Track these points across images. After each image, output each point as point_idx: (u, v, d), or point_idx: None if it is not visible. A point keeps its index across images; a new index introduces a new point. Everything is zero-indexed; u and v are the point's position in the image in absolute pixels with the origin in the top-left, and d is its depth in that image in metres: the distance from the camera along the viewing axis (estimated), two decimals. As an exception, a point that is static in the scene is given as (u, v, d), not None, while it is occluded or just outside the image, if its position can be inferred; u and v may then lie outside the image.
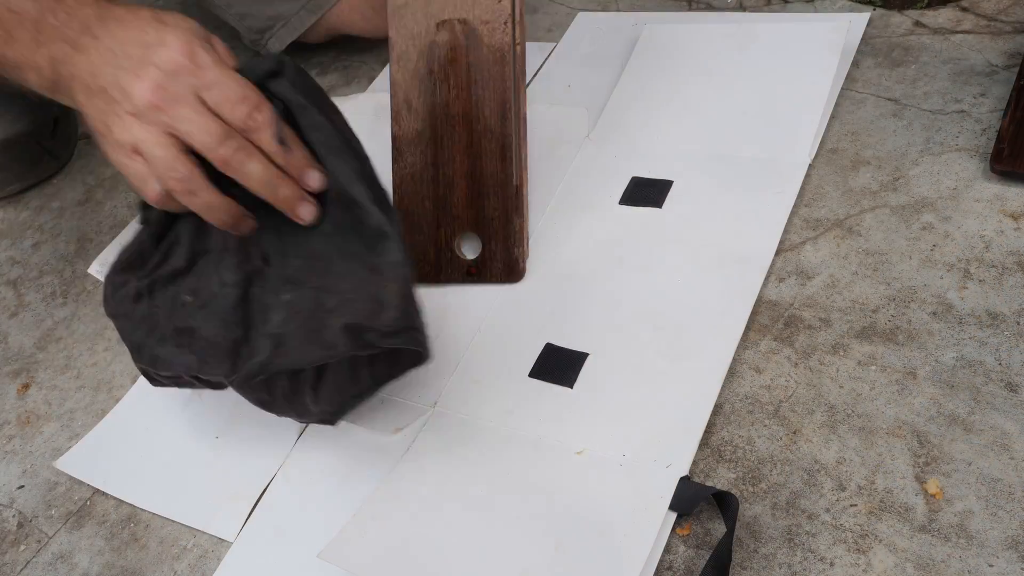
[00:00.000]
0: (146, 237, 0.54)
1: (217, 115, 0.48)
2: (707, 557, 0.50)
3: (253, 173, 0.49)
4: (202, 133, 0.48)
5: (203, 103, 0.48)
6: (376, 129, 0.68)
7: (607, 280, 0.65)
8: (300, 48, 0.95)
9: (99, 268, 0.72)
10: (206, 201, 0.50)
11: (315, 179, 0.50)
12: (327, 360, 0.50)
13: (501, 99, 0.65)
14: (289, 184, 0.50)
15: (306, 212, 0.50)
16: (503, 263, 0.66)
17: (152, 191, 0.50)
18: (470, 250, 0.68)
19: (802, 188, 0.67)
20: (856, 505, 0.50)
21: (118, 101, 0.48)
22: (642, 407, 0.56)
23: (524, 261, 0.67)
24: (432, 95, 0.66)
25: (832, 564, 0.48)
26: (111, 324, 0.75)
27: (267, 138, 0.49)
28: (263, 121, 0.48)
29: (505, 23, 0.64)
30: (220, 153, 0.48)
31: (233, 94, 0.48)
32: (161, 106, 0.47)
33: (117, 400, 0.69)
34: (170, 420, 0.66)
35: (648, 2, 0.89)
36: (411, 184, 0.67)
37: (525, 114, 0.65)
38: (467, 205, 0.66)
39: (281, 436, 0.62)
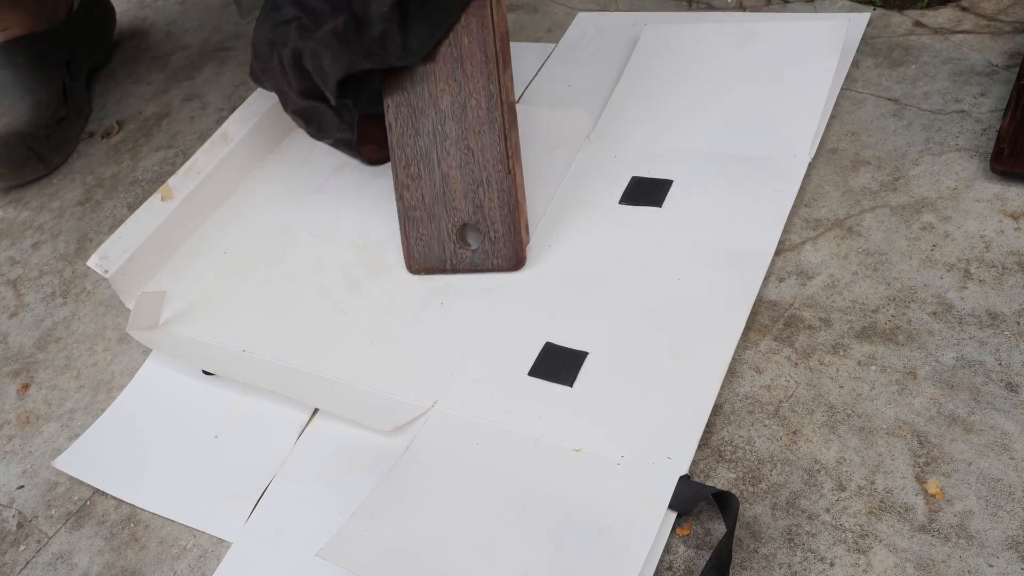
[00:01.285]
0: None
1: None
2: (707, 557, 0.50)
3: None
4: None
5: None
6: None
7: (607, 279, 0.65)
8: None
9: (99, 262, 0.72)
10: None
11: None
12: None
13: (486, 87, 0.65)
14: None
15: None
16: (504, 251, 0.67)
17: None
18: (472, 239, 0.68)
19: (802, 188, 0.67)
20: (856, 505, 0.50)
21: None
22: (641, 406, 0.56)
23: (525, 248, 0.67)
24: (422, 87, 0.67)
25: (832, 564, 0.48)
26: (111, 324, 0.75)
27: None
28: None
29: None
30: None
31: None
32: None
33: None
34: (169, 420, 0.66)
35: (648, 2, 0.89)
36: (410, 178, 0.68)
37: (513, 101, 0.65)
38: (463, 195, 0.67)
39: (281, 436, 0.62)
